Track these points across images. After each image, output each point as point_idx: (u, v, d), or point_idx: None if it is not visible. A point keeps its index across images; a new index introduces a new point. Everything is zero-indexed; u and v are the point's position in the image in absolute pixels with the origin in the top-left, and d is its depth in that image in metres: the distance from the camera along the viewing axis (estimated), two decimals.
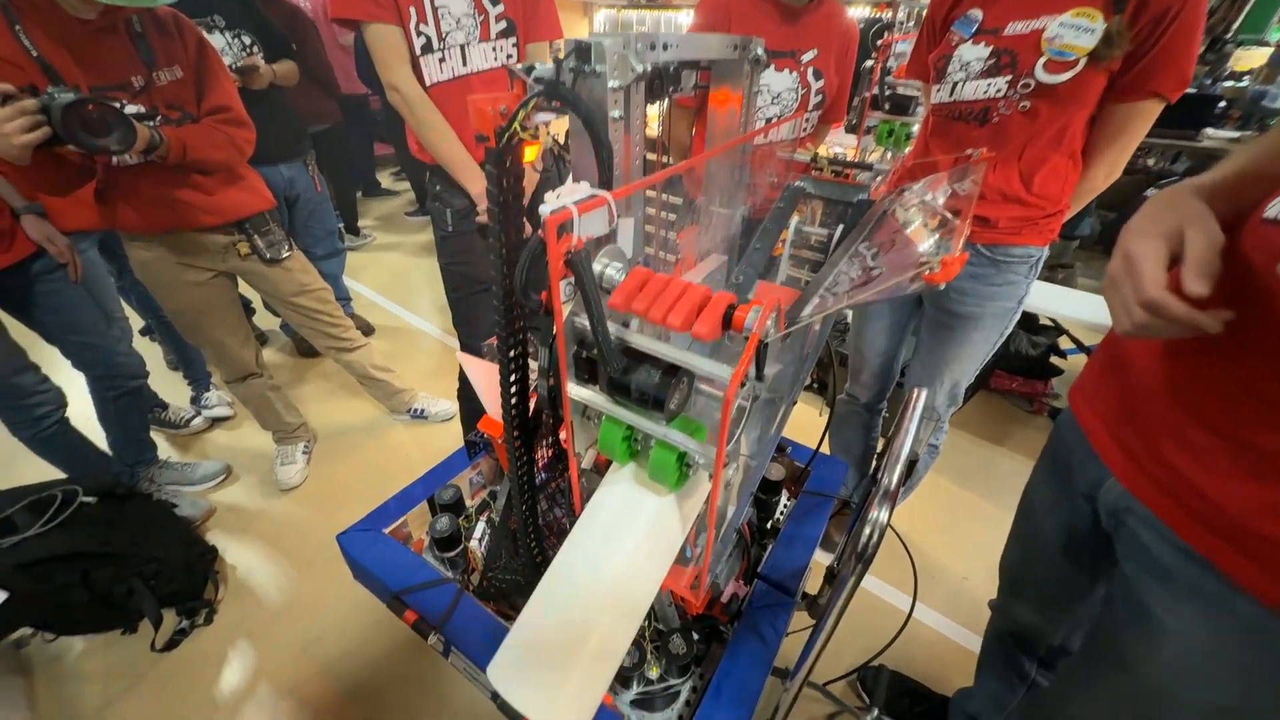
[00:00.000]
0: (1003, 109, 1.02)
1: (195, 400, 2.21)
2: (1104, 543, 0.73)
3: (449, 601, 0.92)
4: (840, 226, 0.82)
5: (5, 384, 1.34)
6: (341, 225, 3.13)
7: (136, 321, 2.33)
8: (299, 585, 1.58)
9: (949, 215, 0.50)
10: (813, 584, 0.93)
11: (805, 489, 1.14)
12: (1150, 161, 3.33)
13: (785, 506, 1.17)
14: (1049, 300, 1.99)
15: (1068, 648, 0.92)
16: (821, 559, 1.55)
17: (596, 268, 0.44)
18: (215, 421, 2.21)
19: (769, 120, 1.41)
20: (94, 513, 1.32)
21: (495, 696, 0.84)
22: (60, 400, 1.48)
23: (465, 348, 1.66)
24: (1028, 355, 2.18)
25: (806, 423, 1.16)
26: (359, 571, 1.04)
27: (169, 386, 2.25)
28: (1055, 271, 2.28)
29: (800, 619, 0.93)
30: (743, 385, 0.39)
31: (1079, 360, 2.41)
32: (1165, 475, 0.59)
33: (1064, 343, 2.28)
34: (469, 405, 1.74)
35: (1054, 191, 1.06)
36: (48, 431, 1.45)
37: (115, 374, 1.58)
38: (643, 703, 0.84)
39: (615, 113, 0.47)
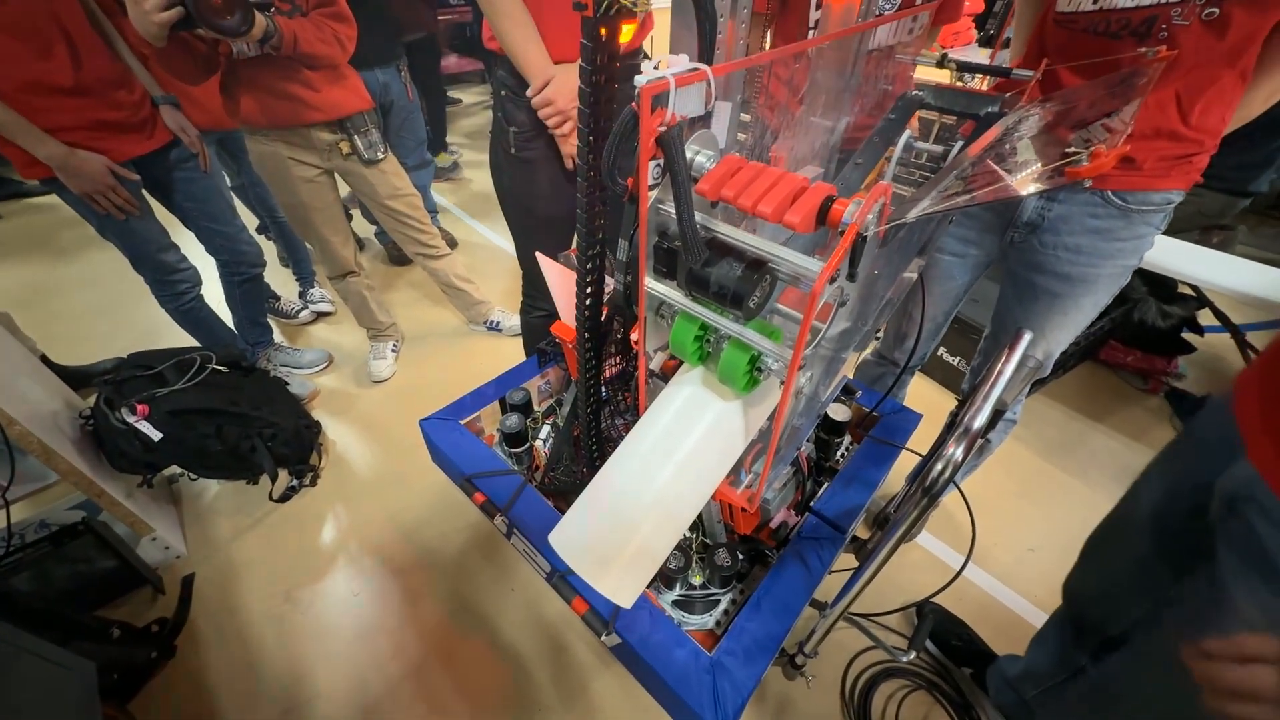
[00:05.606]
0: (1178, 17, 0.78)
1: (302, 295, 2.45)
2: (1199, 538, 0.67)
3: (513, 490, 1.00)
4: (959, 143, 0.73)
5: (154, 259, 1.54)
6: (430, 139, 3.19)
7: (252, 221, 2.57)
8: (386, 463, 1.77)
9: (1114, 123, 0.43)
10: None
11: (871, 435, 1.10)
12: None
13: (848, 450, 1.14)
14: (1197, 265, 1.67)
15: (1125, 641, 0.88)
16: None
17: (687, 153, 0.42)
18: (319, 316, 2.44)
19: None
20: (224, 379, 1.53)
21: (550, 576, 0.92)
22: (197, 279, 1.68)
23: (528, 307, 1.52)
24: (1154, 326, 1.90)
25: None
26: (436, 454, 1.14)
27: (280, 281, 2.49)
28: (1210, 234, 1.91)
29: (845, 562, 0.93)
30: (832, 281, 0.36)
31: (1218, 341, 2.08)
32: None
33: (1204, 318, 1.98)
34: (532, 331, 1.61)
35: (1215, 122, 0.85)
36: (187, 305, 1.67)
37: (240, 260, 1.77)
38: (683, 604, 0.89)
39: None
